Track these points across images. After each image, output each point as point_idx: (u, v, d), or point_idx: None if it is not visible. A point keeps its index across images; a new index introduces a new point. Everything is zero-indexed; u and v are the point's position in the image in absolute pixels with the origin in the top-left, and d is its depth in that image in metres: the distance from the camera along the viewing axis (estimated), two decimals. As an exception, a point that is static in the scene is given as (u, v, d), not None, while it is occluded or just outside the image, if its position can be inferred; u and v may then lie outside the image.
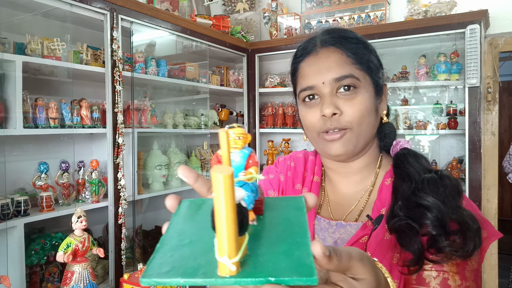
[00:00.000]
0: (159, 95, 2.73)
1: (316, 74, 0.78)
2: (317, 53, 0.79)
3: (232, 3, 3.55)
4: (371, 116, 0.77)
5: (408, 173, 0.74)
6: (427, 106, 2.82)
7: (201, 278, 0.31)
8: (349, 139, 0.76)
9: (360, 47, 0.78)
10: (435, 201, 0.67)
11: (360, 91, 0.76)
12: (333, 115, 0.75)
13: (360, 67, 0.77)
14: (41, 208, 1.80)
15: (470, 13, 2.40)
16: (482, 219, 0.70)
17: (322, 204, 0.88)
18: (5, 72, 1.69)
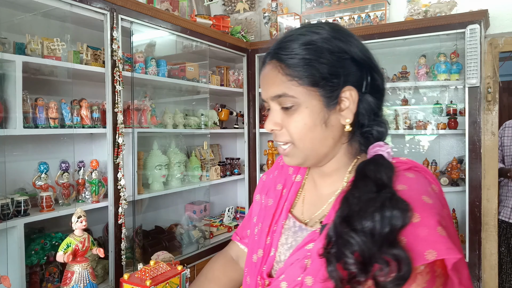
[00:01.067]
0: (159, 95, 2.73)
1: (263, 88, 0.79)
2: (264, 67, 0.78)
3: (232, 3, 3.55)
4: (313, 132, 0.73)
5: (350, 191, 0.68)
6: (427, 106, 2.82)
7: None
8: (294, 154, 0.77)
9: (305, 58, 0.71)
10: (360, 238, 0.61)
11: (298, 108, 0.73)
12: (273, 131, 0.77)
13: (299, 83, 0.72)
14: (41, 208, 1.80)
15: (470, 13, 2.40)
16: (435, 237, 0.60)
17: (297, 203, 0.88)
18: (5, 72, 1.69)
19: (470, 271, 2.43)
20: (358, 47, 0.75)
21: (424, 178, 0.71)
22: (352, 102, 0.74)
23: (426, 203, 0.64)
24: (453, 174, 2.60)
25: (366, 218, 0.62)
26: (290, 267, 0.75)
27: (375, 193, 0.65)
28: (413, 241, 0.60)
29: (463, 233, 2.52)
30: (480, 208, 2.41)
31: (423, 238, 0.60)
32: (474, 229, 2.40)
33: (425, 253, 0.59)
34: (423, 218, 0.62)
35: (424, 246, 0.59)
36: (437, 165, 2.74)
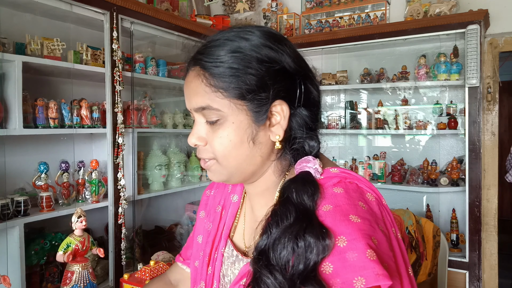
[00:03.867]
0: (159, 95, 2.73)
1: (186, 98, 0.71)
2: (188, 74, 0.71)
3: (232, 3, 3.55)
4: (239, 150, 0.65)
5: (269, 217, 0.61)
6: (427, 106, 2.83)
7: None
8: (217, 170, 0.69)
9: (231, 67, 0.63)
10: (274, 280, 0.55)
11: (224, 122, 0.65)
12: (196, 145, 0.69)
13: (224, 95, 0.63)
14: (41, 208, 1.80)
15: (470, 13, 2.40)
16: (364, 263, 0.53)
17: (237, 227, 0.79)
18: (5, 72, 1.69)
19: (470, 271, 2.43)
20: (291, 55, 0.67)
21: (355, 191, 0.63)
22: (283, 117, 0.66)
23: (354, 223, 0.57)
24: (453, 174, 2.60)
25: (281, 250, 0.55)
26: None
27: (293, 219, 0.58)
28: (340, 268, 0.54)
29: (463, 233, 2.52)
30: (480, 208, 2.41)
31: (351, 264, 0.53)
32: (474, 229, 2.40)
33: (354, 281, 0.53)
34: (349, 241, 0.55)
35: (352, 273, 0.53)
36: (437, 165, 2.74)
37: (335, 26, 3.06)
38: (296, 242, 0.55)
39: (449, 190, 2.62)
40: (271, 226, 0.59)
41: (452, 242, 2.58)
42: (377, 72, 2.93)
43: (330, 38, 2.83)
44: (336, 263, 0.54)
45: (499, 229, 2.74)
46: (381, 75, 2.89)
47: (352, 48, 2.88)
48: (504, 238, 3.43)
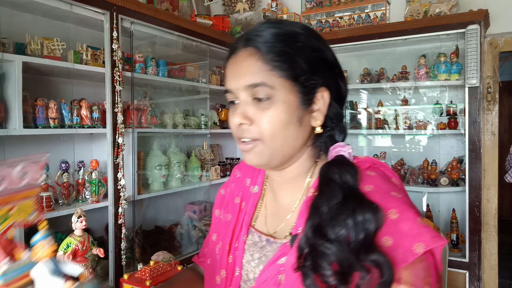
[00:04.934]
0: (159, 95, 2.73)
1: (232, 77, 0.71)
2: (237, 53, 0.71)
3: (232, 3, 3.55)
4: (287, 130, 0.68)
5: (317, 199, 0.65)
6: (427, 106, 2.83)
7: None
8: (260, 151, 0.69)
9: (286, 50, 0.68)
10: (336, 247, 0.58)
11: (276, 101, 0.67)
12: (241, 125, 0.69)
13: (279, 74, 0.67)
14: (41, 208, 1.80)
15: (470, 13, 2.40)
16: (418, 230, 0.59)
17: (259, 216, 0.82)
18: (5, 72, 1.69)
19: (470, 271, 2.43)
20: (330, 51, 0.73)
21: (384, 174, 0.70)
22: (323, 104, 0.71)
23: (397, 197, 0.63)
24: (453, 174, 2.60)
25: (339, 226, 0.59)
26: (262, 285, 0.70)
27: (343, 198, 0.62)
28: (399, 239, 0.59)
29: (463, 233, 2.52)
30: (480, 208, 2.41)
31: (407, 233, 0.59)
32: (474, 229, 2.40)
33: (413, 248, 0.58)
34: (400, 213, 0.61)
35: (410, 241, 0.58)
36: (437, 165, 2.74)
37: (335, 26, 3.07)
38: (353, 217, 0.59)
39: (449, 190, 2.62)
40: (321, 205, 0.62)
41: (452, 242, 2.58)
42: (377, 72, 2.93)
43: (330, 38, 2.83)
44: (394, 235, 0.59)
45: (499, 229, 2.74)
46: (381, 75, 2.89)
47: (352, 48, 2.88)
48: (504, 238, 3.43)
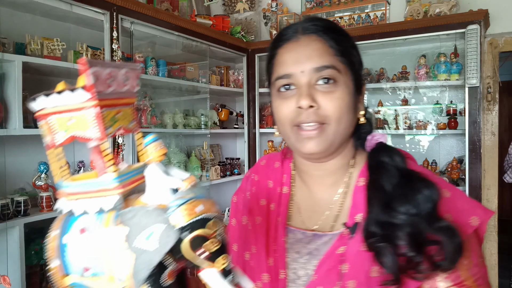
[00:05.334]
0: (159, 95, 2.73)
1: (294, 62, 0.70)
2: (298, 40, 0.72)
3: (232, 3, 3.55)
4: (349, 114, 0.71)
5: (379, 179, 0.69)
6: (427, 106, 2.83)
7: None
8: (326, 136, 0.70)
9: (344, 40, 0.73)
10: (408, 218, 0.63)
11: (340, 85, 0.69)
12: (310, 108, 0.68)
13: (342, 60, 0.71)
14: (41, 208, 1.80)
15: (470, 13, 2.40)
16: (470, 204, 0.67)
17: (292, 215, 0.81)
18: (5, 72, 1.69)
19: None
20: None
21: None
22: (362, 98, 0.77)
23: (440, 179, 0.70)
24: (453, 174, 2.60)
25: (408, 200, 0.64)
26: (324, 277, 0.69)
27: (401, 177, 0.67)
28: (457, 214, 0.65)
29: (463, 233, 2.52)
30: (480, 208, 2.41)
31: (462, 208, 0.66)
32: (474, 229, 2.40)
33: (470, 221, 0.65)
34: (451, 191, 0.68)
35: (466, 215, 0.65)
36: (437, 165, 2.74)
37: (335, 26, 3.06)
38: (419, 191, 0.64)
39: (449, 190, 2.62)
40: (385, 184, 0.67)
41: (452, 242, 2.57)
42: (377, 72, 2.93)
43: (330, 38, 2.83)
44: (452, 211, 0.65)
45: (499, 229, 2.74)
46: (381, 75, 2.89)
47: (352, 48, 2.88)
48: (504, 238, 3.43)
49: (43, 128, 0.43)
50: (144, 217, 0.39)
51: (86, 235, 0.41)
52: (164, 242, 0.38)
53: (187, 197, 0.40)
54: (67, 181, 0.43)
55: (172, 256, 0.40)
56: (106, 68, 0.40)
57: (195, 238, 0.38)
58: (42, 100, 0.40)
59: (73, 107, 0.39)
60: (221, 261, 0.39)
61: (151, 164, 0.42)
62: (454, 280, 0.63)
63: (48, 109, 0.41)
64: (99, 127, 0.39)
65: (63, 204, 0.43)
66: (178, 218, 0.38)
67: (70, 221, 0.42)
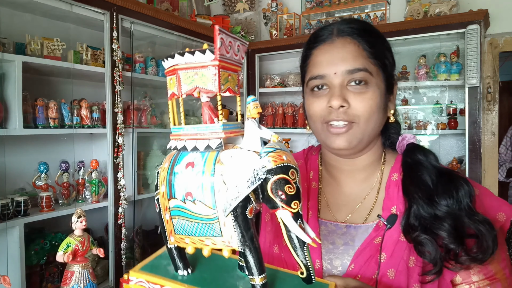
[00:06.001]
0: (159, 95, 2.73)
1: (329, 63, 0.74)
2: (333, 41, 0.75)
3: (232, 3, 3.55)
4: (379, 113, 0.75)
5: (420, 176, 0.73)
6: (427, 106, 2.82)
7: None
8: (354, 134, 0.74)
9: (378, 42, 0.76)
10: (449, 210, 0.67)
11: (371, 86, 0.73)
12: (340, 107, 0.72)
13: (375, 62, 0.74)
14: (41, 208, 1.80)
15: (470, 13, 2.40)
16: (497, 202, 0.73)
17: (321, 208, 0.84)
18: (5, 72, 1.69)
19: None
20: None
21: None
22: (394, 97, 0.80)
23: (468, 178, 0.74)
24: (453, 174, 2.60)
25: (450, 195, 0.68)
26: (363, 265, 0.73)
27: (437, 174, 0.71)
28: (485, 210, 0.69)
29: (463, 233, 2.52)
30: (480, 208, 2.40)
31: (489, 205, 0.71)
32: (474, 229, 2.40)
33: (497, 216, 0.70)
34: (480, 189, 0.74)
35: (494, 211, 0.70)
36: (438, 165, 2.73)
37: (335, 26, 3.06)
38: (461, 187, 0.69)
39: (449, 190, 2.62)
40: (426, 179, 0.71)
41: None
42: (377, 72, 2.93)
43: (330, 38, 2.83)
44: (481, 208, 0.70)
45: (499, 229, 2.74)
46: (381, 75, 2.88)
47: (352, 48, 2.88)
48: (504, 238, 3.43)
49: (168, 82, 0.53)
50: (240, 158, 0.47)
51: (192, 168, 0.49)
52: (253, 180, 0.46)
53: (275, 147, 0.48)
54: (179, 126, 0.53)
55: (254, 196, 0.48)
56: (228, 37, 0.49)
57: (278, 180, 0.45)
58: (177, 57, 0.49)
59: (199, 64, 0.49)
60: (293, 205, 0.46)
61: (250, 119, 0.51)
62: (486, 274, 0.68)
63: (180, 65, 0.50)
64: (217, 82, 0.48)
65: (175, 143, 0.53)
66: (267, 162, 0.46)
67: (181, 155, 0.52)
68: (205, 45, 0.49)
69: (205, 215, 0.49)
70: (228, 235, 0.48)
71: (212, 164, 0.48)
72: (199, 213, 0.49)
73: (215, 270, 0.57)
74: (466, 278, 0.68)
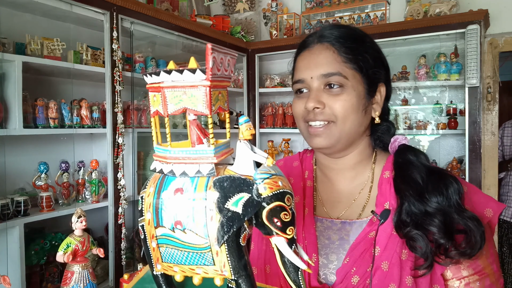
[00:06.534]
0: (159, 95, 2.73)
1: (306, 68, 0.80)
2: (311, 48, 0.82)
3: (232, 3, 3.55)
4: (357, 114, 0.78)
5: (410, 174, 0.76)
6: (427, 106, 2.82)
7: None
8: (332, 133, 0.78)
9: (356, 47, 0.79)
10: (439, 207, 0.70)
11: (347, 89, 0.77)
12: (316, 109, 0.78)
13: (351, 66, 0.78)
14: (41, 208, 1.80)
15: (470, 13, 2.40)
16: (484, 198, 0.76)
17: (316, 205, 0.88)
18: (5, 72, 1.69)
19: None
20: (384, 55, 0.85)
21: None
22: (381, 98, 0.83)
23: (457, 176, 0.80)
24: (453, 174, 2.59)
25: (440, 193, 0.71)
26: (357, 260, 0.76)
27: (428, 172, 0.75)
28: (473, 206, 0.74)
29: (463, 233, 2.52)
30: (480, 208, 2.40)
31: (477, 202, 0.75)
32: (474, 229, 2.40)
33: (485, 212, 0.74)
34: (468, 186, 0.77)
35: (481, 207, 0.74)
36: (437, 165, 2.73)
37: (335, 26, 3.06)
38: (451, 185, 0.72)
39: (449, 190, 2.62)
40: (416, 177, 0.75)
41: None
42: (377, 72, 2.93)
43: (330, 38, 2.83)
44: (468, 205, 0.74)
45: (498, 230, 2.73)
46: (381, 75, 2.88)
47: (352, 48, 2.88)
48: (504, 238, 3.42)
49: (151, 98, 0.50)
50: (233, 185, 0.45)
51: (181, 194, 0.47)
52: (248, 208, 0.45)
53: (270, 172, 0.46)
54: (165, 146, 0.50)
55: (247, 222, 0.47)
56: (220, 54, 0.47)
57: (274, 208, 0.45)
58: (163, 75, 0.46)
59: (188, 84, 0.46)
60: (288, 231, 0.45)
61: (242, 141, 0.49)
62: (475, 268, 0.71)
63: (166, 83, 0.47)
64: (208, 103, 0.46)
65: (160, 165, 0.50)
66: (263, 189, 0.45)
67: (167, 180, 0.49)
68: (193, 60, 0.47)
69: (196, 245, 0.47)
70: (221, 264, 0.47)
71: (203, 190, 0.46)
72: (190, 242, 0.47)
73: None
74: (456, 273, 0.72)
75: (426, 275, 0.70)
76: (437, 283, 0.71)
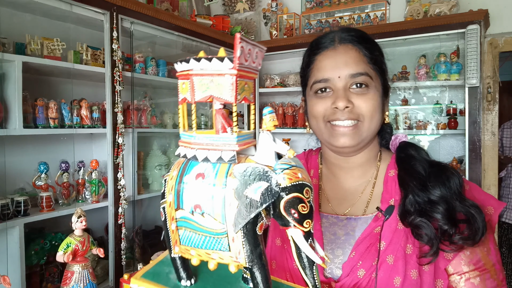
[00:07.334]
0: (159, 95, 2.73)
1: (333, 68, 0.81)
2: (336, 48, 0.82)
3: (232, 3, 3.55)
4: (379, 114, 0.81)
5: (413, 167, 0.79)
6: (427, 106, 2.82)
7: None
8: (358, 131, 0.80)
9: (375, 49, 0.83)
10: (443, 195, 0.73)
11: (372, 88, 0.80)
12: (346, 108, 0.79)
13: (374, 67, 0.81)
14: (41, 208, 1.80)
15: (470, 13, 2.40)
16: (485, 196, 0.78)
17: (322, 203, 0.90)
18: (5, 72, 1.69)
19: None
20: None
21: None
22: (388, 100, 0.87)
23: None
24: (453, 174, 2.60)
25: (442, 183, 0.74)
26: (363, 254, 0.78)
27: (430, 166, 0.78)
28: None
29: (463, 233, 2.52)
30: (480, 208, 2.40)
31: (478, 199, 0.76)
32: (474, 229, 2.40)
33: (486, 210, 0.75)
34: (469, 185, 0.80)
35: (482, 205, 0.75)
36: (437, 165, 2.73)
37: (335, 26, 3.06)
38: (452, 177, 0.75)
39: (449, 190, 2.62)
40: (420, 170, 0.77)
41: (452, 242, 2.57)
42: (377, 72, 2.93)
43: (330, 38, 2.83)
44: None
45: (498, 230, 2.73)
46: (381, 75, 2.88)
47: (352, 48, 2.88)
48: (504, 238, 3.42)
49: (180, 86, 0.50)
50: (254, 173, 0.46)
51: (202, 179, 0.48)
52: (266, 197, 0.45)
53: (291, 163, 0.47)
54: (190, 133, 0.51)
55: (265, 212, 0.47)
56: (248, 44, 0.48)
57: (292, 199, 0.45)
58: (193, 62, 0.47)
59: (216, 72, 0.47)
60: (305, 224, 0.45)
61: (265, 132, 0.50)
62: (476, 264, 0.73)
63: (195, 70, 0.48)
64: (234, 92, 0.47)
65: (184, 151, 0.51)
66: (282, 179, 0.45)
67: (190, 165, 0.50)
68: (222, 50, 0.48)
69: (213, 229, 0.47)
70: (236, 251, 0.47)
71: (223, 177, 0.47)
72: (207, 227, 0.48)
73: (218, 281, 0.56)
74: (457, 268, 0.74)
75: (431, 263, 0.72)
76: (440, 277, 0.73)
